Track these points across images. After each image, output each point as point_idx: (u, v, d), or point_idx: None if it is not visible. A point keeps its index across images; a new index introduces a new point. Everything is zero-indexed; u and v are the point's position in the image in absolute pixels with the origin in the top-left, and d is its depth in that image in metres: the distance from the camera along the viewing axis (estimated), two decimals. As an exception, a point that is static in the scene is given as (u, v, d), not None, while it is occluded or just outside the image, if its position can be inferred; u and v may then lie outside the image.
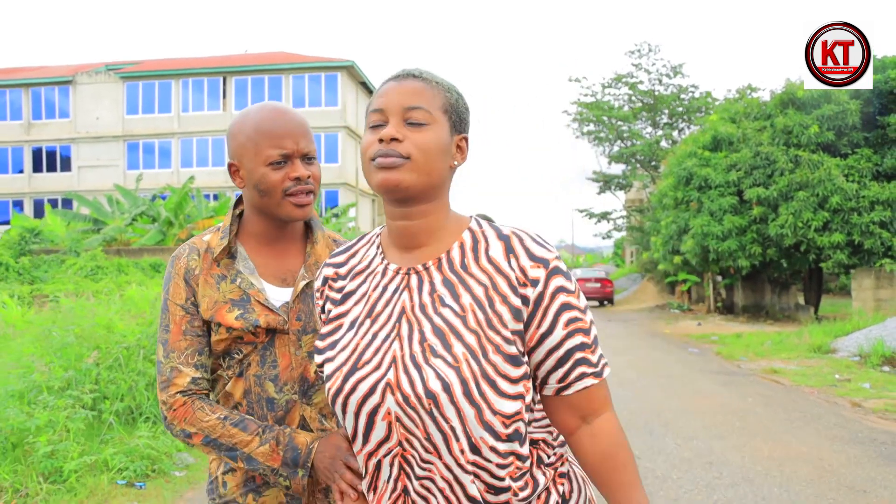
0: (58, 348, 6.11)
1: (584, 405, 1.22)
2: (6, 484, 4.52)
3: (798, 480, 4.80)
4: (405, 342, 1.18)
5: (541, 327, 1.17)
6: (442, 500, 1.18)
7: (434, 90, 1.22)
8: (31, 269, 15.86)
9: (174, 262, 1.59)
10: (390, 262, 1.26)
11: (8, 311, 9.59)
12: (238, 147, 1.56)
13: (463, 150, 1.24)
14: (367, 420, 1.18)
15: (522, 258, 1.18)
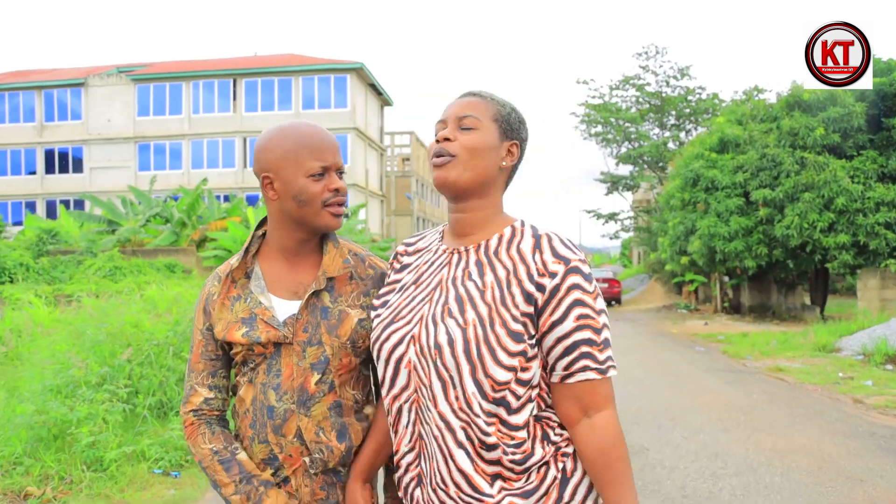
0: (91, 345, 6.40)
1: (585, 397, 1.36)
2: (52, 472, 4.81)
3: (799, 470, 5.05)
4: (433, 305, 1.41)
5: (553, 315, 1.35)
6: (437, 448, 1.36)
7: (487, 103, 1.48)
8: (49, 269, 16.17)
9: (203, 289, 1.72)
10: (444, 244, 1.53)
11: (35, 310, 9.90)
12: (275, 160, 1.60)
13: (513, 154, 1.48)
14: (394, 367, 1.42)
15: (546, 253, 1.37)
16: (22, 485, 4.64)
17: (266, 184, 1.62)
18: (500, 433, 1.34)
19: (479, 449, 1.34)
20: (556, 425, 1.41)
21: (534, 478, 1.36)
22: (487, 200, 1.48)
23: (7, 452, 4.92)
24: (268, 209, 1.67)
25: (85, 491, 4.63)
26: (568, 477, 1.38)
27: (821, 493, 4.56)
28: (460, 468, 1.35)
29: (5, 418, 5.38)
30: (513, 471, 1.35)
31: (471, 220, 1.48)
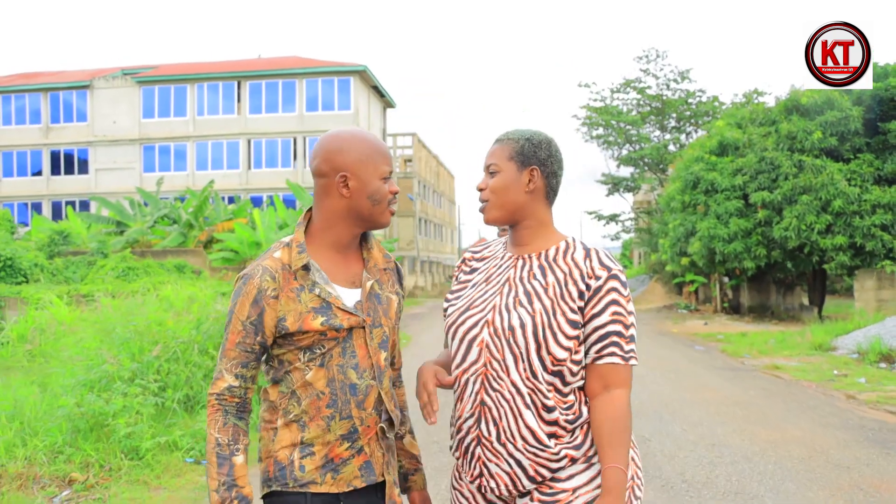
0: (121, 343, 6.74)
1: (607, 376, 1.72)
2: (92, 460, 5.15)
3: (791, 459, 5.39)
4: (504, 297, 1.78)
5: (594, 309, 1.73)
6: (507, 408, 1.71)
7: (503, 146, 1.84)
8: (62, 269, 16.51)
9: (246, 281, 1.74)
10: (508, 252, 1.90)
11: (56, 309, 10.24)
12: (353, 161, 1.76)
13: (534, 178, 1.81)
14: (467, 345, 1.78)
15: (594, 262, 1.76)
16: (65, 471, 4.98)
17: (340, 182, 1.75)
18: (557, 398, 1.72)
19: (541, 411, 1.71)
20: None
21: (578, 433, 1.74)
22: (531, 219, 1.84)
23: (49, 442, 5.26)
24: (328, 206, 1.79)
25: (124, 478, 4.98)
26: None
27: (810, 479, 4.90)
28: (528, 425, 1.71)
29: (43, 411, 5.72)
30: (565, 429, 1.71)
31: (523, 235, 1.85)
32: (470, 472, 1.81)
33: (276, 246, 1.81)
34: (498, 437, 1.74)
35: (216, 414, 1.72)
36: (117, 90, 37.63)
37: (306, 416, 1.74)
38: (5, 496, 4.43)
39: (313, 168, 1.81)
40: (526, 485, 1.73)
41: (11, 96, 38.25)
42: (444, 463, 5.40)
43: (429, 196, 53.98)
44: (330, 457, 1.74)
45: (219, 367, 1.75)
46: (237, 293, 1.75)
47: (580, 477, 1.73)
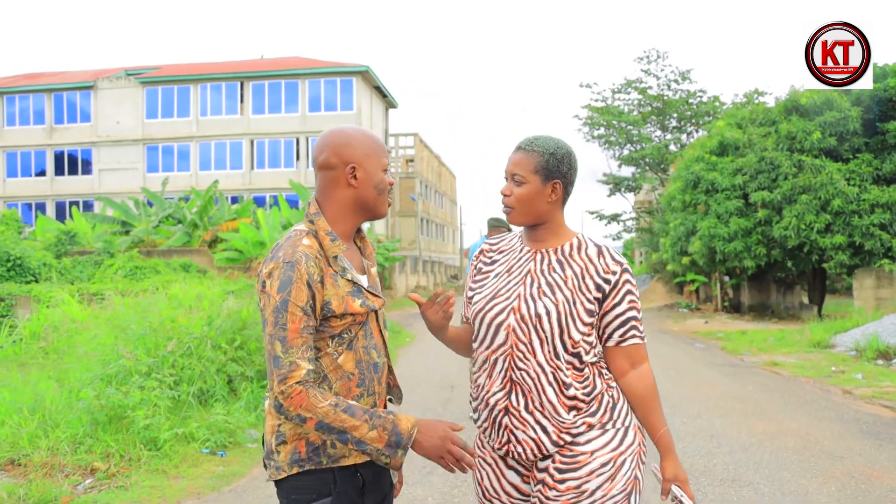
0: (136, 338, 6.94)
1: (634, 355, 2.01)
2: (112, 450, 5.34)
3: (786, 450, 5.58)
4: (527, 287, 2.01)
5: (614, 300, 1.99)
6: (532, 385, 1.95)
7: (529, 158, 2.03)
8: (70, 269, 16.72)
9: (294, 267, 1.76)
10: (525, 245, 2.13)
11: (68, 307, 10.45)
12: (362, 154, 1.90)
13: (556, 190, 2.03)
14: (494, 330, 2.00)
15: (607, 258, 2.02)
16: (87, 461, 5.18)
17: (349, 173, 1.88)
18: (574, 374, 1.97)
19: (561, 388, 1.95)
20: (604, 368, 2.03)
21: (594, 403, 1.98)
22: (550, 222, 2.08)
23: (70, 433, 5.45)
24: (338, 197, 1.91)
25: (144, 467, 5.17)
26: (615, 403, 2.00)
27: (804, 467, 5.09)
28: (549, 399, 1.95)
29: (62, 404, 5.92)
30: (584, 401, 1.96)
31: (541, 234, 2.09)
32: (498, 440, 2.02)
33: (298, 235, 1.85)
34: (526, 406, 1.97)
35: (310, 392, 1.72)
36: (121, 91, 37.82)
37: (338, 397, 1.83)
38: (32, 483, 4.63)
39: (320, 161, 1.91)
40: (549, 448, 1.96)
41: (15, 97, 38.45)
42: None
43: (430, 196, 54.17)
44: None
45: (287, 360, 1.73)
46: (287, 280, 1.75)
47: (597, 441, 1.96)
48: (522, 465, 2.05)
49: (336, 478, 1.83)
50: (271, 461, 1.86)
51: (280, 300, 1.75)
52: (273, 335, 1.74)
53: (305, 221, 1.94)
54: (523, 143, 2.07)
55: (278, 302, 1.75)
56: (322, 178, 1.94)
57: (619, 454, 1.96)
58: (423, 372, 9.97)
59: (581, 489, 1.92)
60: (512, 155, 2.08)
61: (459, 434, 1.88)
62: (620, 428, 1.99)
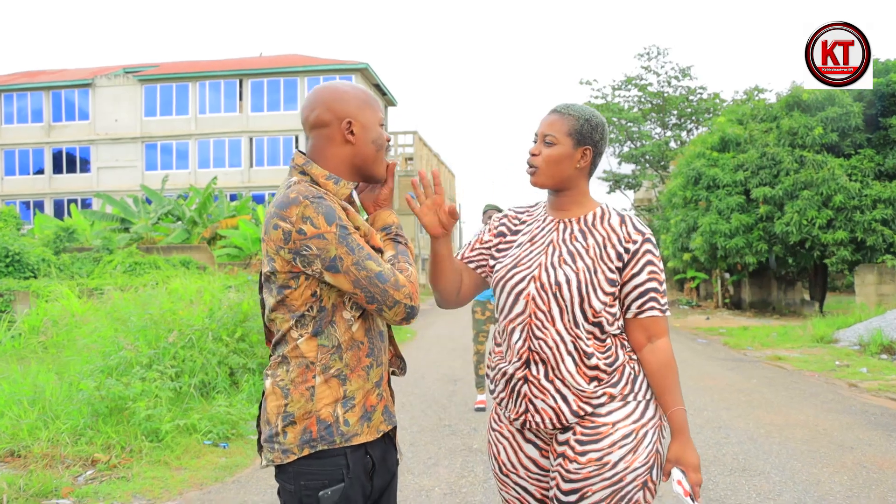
0: (137, 330, 6.87)
1: (651, 328, 1.93)
2: (113, 442, 5.27)
3: (795, 440, 5.52)
4: (549, 256, 1.96)
5: (633, 269, 1.93)
6: (551, 355, 1.89)
7: (563, 120, 1.98)
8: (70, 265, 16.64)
9: (324, 198, 1.67)
10: (548, 215, 2.07)
11: (68, 301, 10.38)
12: (356, 108, 1.77)
13: (587, 156, 1.98)
14: (514, 298, 1.95)
15: (629, 227, 1.96)
16: (88, 452, 5.11)
17: (345, 128, 1.75)
18: (596, 344, 1.91)
19: (583, 357, 1.89)
20: (626, 340, 1.97)
21: (615, 374, 1.91)
22: (574, 189, 2.02)
23: (70, 425, 5.38)
24: (334, 155, 1.78)
25: (145, 458, 5.10)
26: (636, 375, 1.94)
27: (814, 457, 5.03)
28: (567, 369, 1.89)
29: (63, 396, 5.85)
30: (606, 372, 1.89)
31: (564, 202, 2.03)
32: (515, 410, 1.95)
33: (296, 185, 1.71)
34: (546, 374, 1.90)
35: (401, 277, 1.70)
36: (119, 88, 37.76)
37: (348, 368, 1.71)
38: (33, 474, 4.55)
39: (312, 119, 1.78)
40: (569, 419, 1.89)
41: (13, 95, 38.41)
42: (458, 444, 5.53)
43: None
44: (366, 406, 1.74)
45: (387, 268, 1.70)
46: (329, 210, 1.65)
47: (618, 413, 1.89)
48: (541, 437, 1.98)
49: (349, 461, 1.71)
50: (275, 444, 1.70)
51: (338, 230, 1.64)
52: (359, 262, 1.64)
53: (296, 173, 1.78)
54: (560, 106, 2.03)
55: (338, 232, 1.64)
56: (315, 137, 1.80)
57: (640, 426, 1.89)
58: (427, 366, 9.91)
59: (603, 461, 1.86)
60: (546, 117, 2.03)
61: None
62: (642, 401, 1.92)
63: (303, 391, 1.70)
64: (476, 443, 5.54)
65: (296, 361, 1.72)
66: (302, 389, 1.70)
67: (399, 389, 7.92)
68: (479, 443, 5.52)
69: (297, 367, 1.71)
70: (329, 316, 1.72)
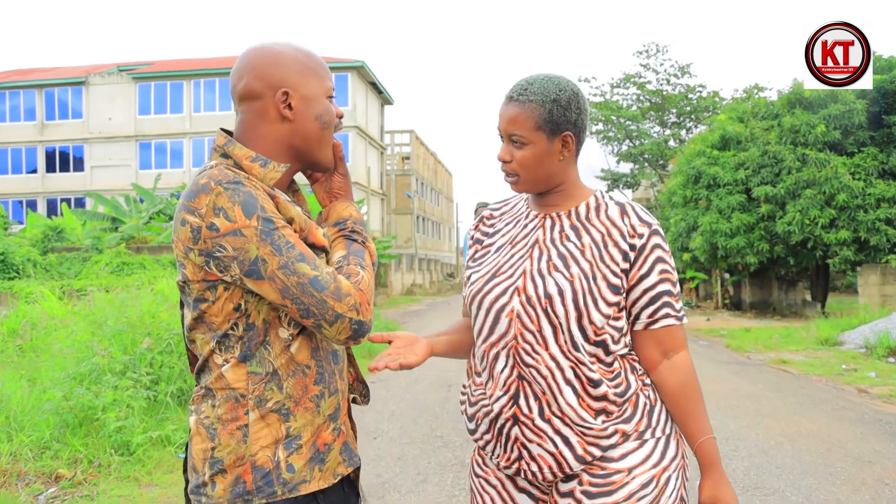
0: (113, 335, 6.52)
1: (666, 340, 1.57)
2: (80, 455, 4.93)
3: (809, 453, 5.18)
4: (534, 261, 1.58)
5: (641, 269, 1.56)
6: (546, 386, 1.52)
7: (527, 112, 1.56)
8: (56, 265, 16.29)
9: (241, 183, 1.30)
10: (531, 209, 1.69)
11: (48, 303, 10.03)
12: (295, 74, 1.41)
13: (568, 143, 1.59)
14: (494, 316, 1.57)
15: (633, 218, 1.58)
16: (52, 468, 4.76)
17: (280, 101, 1.39)
18: (602, 369, 1.53)
19: (587, 386, 1.52)
20: (637, 361, 1.60)
21: (628, 406, 1.54)
22: (563, 183, 1.65)
23: (36, 437, 5.04)
24: (266, 134, 1.41)
25: (114, 474, 4.75)
26: (652, 405, 1.58)
27: (831, 472, 4.69)
28: (567, 402, 1.51)
29: (31, 405, 5.50)
30: (615, 403, 1.53)
31: (555, 198, 1.66)
32: (505, 456, 1.59)
33: (210, 169, 1.34)
34: (541, 412, 1.54)
35: (347, 281, 1.34)
36: (113, 87, 37.46)
37: (291, 401, 1.36)
38: (-13, 493, 4.21)
39: (240, 90, 1.42)
40: (574, 466, 1.53)
41: (6, 93, 38.10)
42: (449, 458, 5.19)
43: (426, 194, 53.79)
44: (317, 445, 1.40)
45: (324, 272, 1.31)
46: (249, 198, 1.28)
47: (635, 455, 1.53)
48: (537, 486, 1.62)
49: None
50: (202, 496, 1.36)
51: (260, 224, 1.28)
52: (288, 265, 1.28)
53: (215, 156, 1.41)
54: (516, 91, 1.60)
55: (259, 227, 1.28)
56: (244, 112, 1.43)
57: (662, 469, 1.54)
58: (419, 371, 9.55)
59: None
60: (503, 109, 1.62)
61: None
62: (661, 437, 1.57)
63: (233, 431, 1.34)
64: (468, 456, 5.20)
65: (222, 394, 1.36)
66: (232, 429, 1.35)
67: (390, 396, 7.59)
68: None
69: (224, 402, 1.36)
70: (260, 335, 1.36)
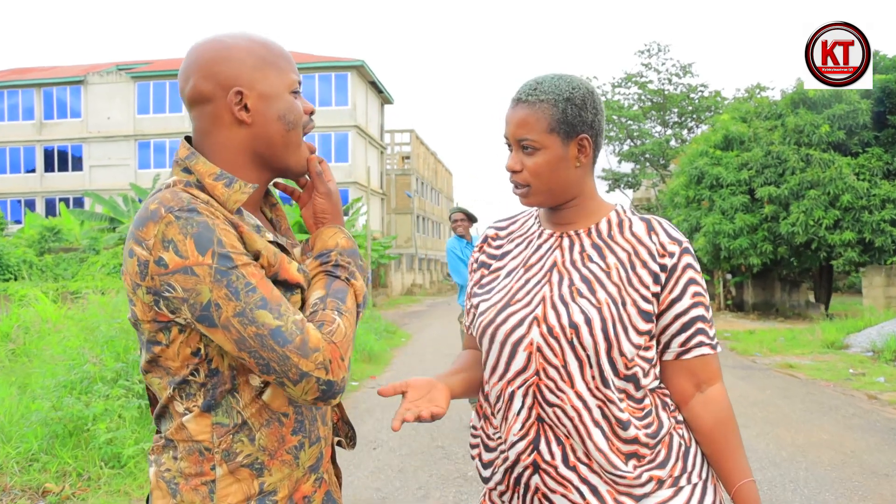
0: (105, 341, 6.35)
1: (699, 372, 1.40)
2: (69, 468, 4.76)
3: (822, 465, 5.02)
4: (555, 286, 1.41)
5: (672, 293, 1.39)
6: (572, 428, 1.35)
7: (538, 114, 1.40)
8: (53, 266, 16.12)
9: (196, 213, 1.10)
10: (546, 228, 1.51)
11: (42, 306, 9.85)
12: (250, 70, 1.21)
13: (585, 147, 1.42)
14: (510, 350, 1.39)
15: (662, 235, 1.42)
16: (40, 481, 4.59)
17: (233, 102, 1.20)
18: (631, 407, 1.37)
19: (616, 427, 1.35)
20: (668, 396, 1.44)
21: (661, 448, 1.38)
22: (581, 195, 1.46)
23: (23, 449, 4.87)
24: (222, 143, 1.22)
25: (104, 488, 4.58)
26: (687, 446, 1.41)
27: (848, 487, 4.53)
28: (597, 446, 1.34)
29: (19, 415, 5.34)
30: (648, 445, 1.36)
31: (572, 214, 1.48)
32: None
33: (172, 186, 1.17)
34: (565, 459, 1.36)
35: (324, 330, 1.13)
36: (112, 86, 37.30)
37: (265, 454, 1.19)
38: (-30, 510, 4.04)
39: (187, 93, 1.22)
40: None
41: (4, 92, 37.96)
42: (451, 471, 5.02)
43: (426, 193, 53.64)
44: (294, 500, 1.23)
45: (289, 320, 1.10)
46: (203, 229, 1.09)
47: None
48: None
49: None
50: None
51: (215, 261, 1.08)
52: (245, 312, 1.07)
53: (177, 170, 1.22)
54: (524, 92, 1.43)
55: (214, 265, 1.07)
56: (196, 118, 1.24)
57: None
58: (420, 373, 9.36)
59: None
60: (511, 113, 1.44)
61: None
62: (698, 482, 1.39)
63: (197, 486, 1.16)
64: (472, 469, 5.03)
65: (185, 446, 1.18)
66: (196, 484, 1.16)
67: (389, 403, 7.40)
68: (474, 469, 5.01)
69: (187, 455, 1.17)
70: (226, 382, 1.16)
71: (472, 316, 1.51)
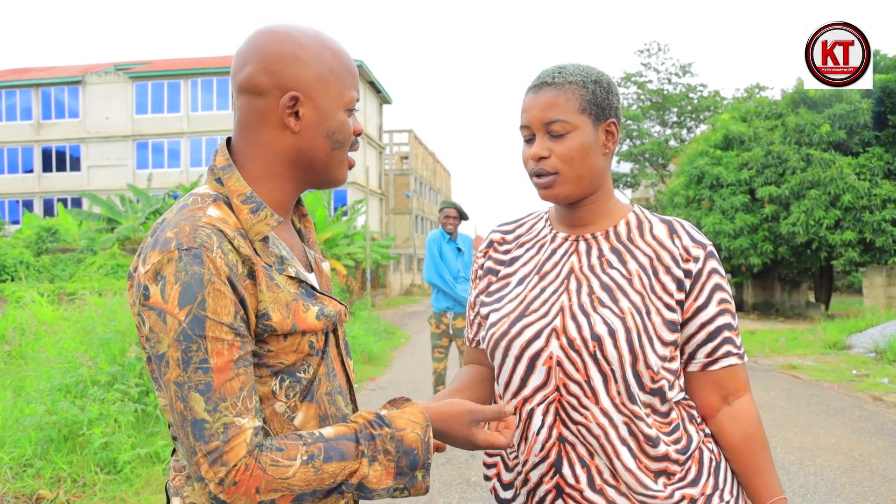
0: (100, 343, 6.26)
1: (726, 383, 1.33)
2: (64, 474, 4.67)
3: (832, 469, 4.93)
4: (573, 295, 1.31)
5: (697, 300, 1.30)
6: (598, 447, 1.27)
7: (568, 94, 1.31)
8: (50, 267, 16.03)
9: (201, 257, 1.00)
10: (558, 231, 1.41)
11: (38, 307, 9.75)
12: (312, 78, 1.12)
13: (613, 133, 1.35)
14: (527, 364, 1.30)
15: (685, 239, 1.33)
16: (34, 488, 4.50)
17: (286, 107, 1.11)
18: (658, 422, 1.29)
19: (645, 445, 1.27)
20: (693, 408, 1.36)
21: (691, 464, 1.30)
22: (602, 190, 1.38)
23: (17, 454, 4.78)
24: (265, 144, 1.14)
25: (99, 494, 4.49)
26: (717, 461, 1.33)
27: (858, 492, 4.44)
28: (626, 466, 1.26)
29: (13, 419, 5.25)
30: (678, 462, 1.28)
31: (587, 212, 1.39)
32: None
33: (197, 201, 1.09)
34: (590, 481, 1.27)
35: (262, 458, 0.99)
36: (110, 86, 37.21)
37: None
38: (-39, 518, 3.95)
39: (240, 79, 1.13)
40: None
41: (2, 92, 37.91)
42: (454, 476, 4.93)
43: (425, 193, 53.55)
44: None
45: (219, 423, 0.97)
46: (195, 281, 0.99)
47: None
48: None
49: None
50: None
51: (188, 320, 0.98)
52: (184, 384, 0.98)
53: (210, 180, 1.14)
54: (548, 75, 1.34)
55: (186, 323, 0.98)
56: (242, 107, 1.14)
57: None
58: (421, 376, 9.31)
59: None
60: (534, 97, 1.34)
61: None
62: (730, 500, 1.32)
63: None
64: (474, 474, 4.94)
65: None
66: None
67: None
68: (478, 474, 4.93)
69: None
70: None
71: (481, 327, 1.41)
